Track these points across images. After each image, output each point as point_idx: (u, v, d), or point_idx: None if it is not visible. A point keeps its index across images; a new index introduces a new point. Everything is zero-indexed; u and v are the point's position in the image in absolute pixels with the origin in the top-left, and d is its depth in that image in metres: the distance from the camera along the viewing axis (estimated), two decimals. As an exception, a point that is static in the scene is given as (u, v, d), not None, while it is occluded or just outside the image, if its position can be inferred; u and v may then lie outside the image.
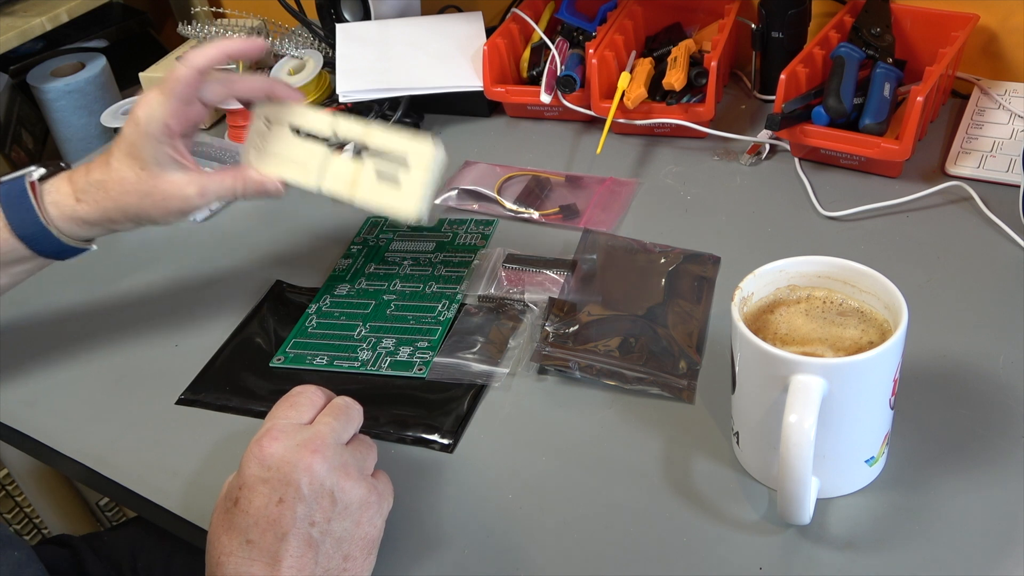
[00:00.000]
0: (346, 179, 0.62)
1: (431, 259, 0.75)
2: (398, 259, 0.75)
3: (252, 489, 0.46)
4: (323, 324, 0.69)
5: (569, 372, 0.62)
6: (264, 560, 0.45)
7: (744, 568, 0.49)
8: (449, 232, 0.78)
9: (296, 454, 0.46)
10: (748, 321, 0.50)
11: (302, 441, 0.47)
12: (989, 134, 0.79)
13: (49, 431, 0.64)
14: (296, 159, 0.63)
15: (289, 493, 0.46)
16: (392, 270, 0.74)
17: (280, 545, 0.45)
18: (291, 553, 0.45)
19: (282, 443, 0.47)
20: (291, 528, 0.45)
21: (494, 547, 0.52)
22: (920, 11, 0.83)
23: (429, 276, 0.73)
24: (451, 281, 0.72)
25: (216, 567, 0.46)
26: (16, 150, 1.19)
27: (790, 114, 0.76)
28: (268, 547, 0.45)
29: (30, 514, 1.09)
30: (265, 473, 0.46)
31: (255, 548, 0.45)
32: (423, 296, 0.71)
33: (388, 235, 0.79)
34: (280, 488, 0.46)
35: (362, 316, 0.69)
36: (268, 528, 0.45)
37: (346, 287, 0.73)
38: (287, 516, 0.45)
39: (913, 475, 0.52)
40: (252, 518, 0.46)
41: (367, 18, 0.99)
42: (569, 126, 0.92)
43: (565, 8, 0.94)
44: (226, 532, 0.46)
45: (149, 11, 1.33)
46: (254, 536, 0.45)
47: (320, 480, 0.46)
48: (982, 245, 0.69)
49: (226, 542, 0.46)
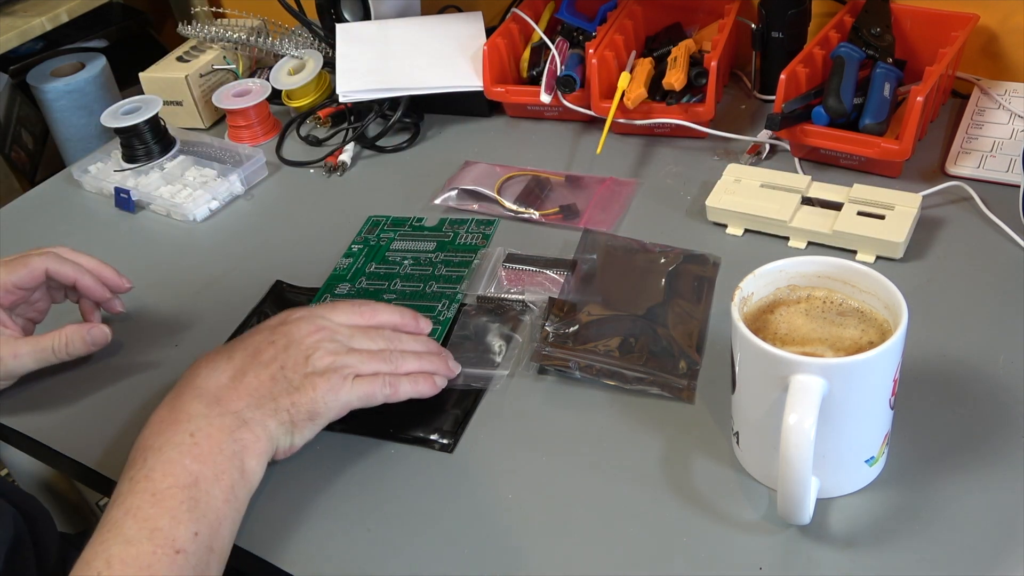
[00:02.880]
0: (821, 219, 0.71)
1: (432, 259, 0.74)
2: (399, 259, 0.75)
3: (258, 329, 0.58)
4: None
5: (569, 372, 0.62)
6: (232, 371, 0.55)
7: (744, 568, 0.49)
8: (450, 232, 0.78)
9: (305, 324, 0.57)
10: (748, 321, 0.50)
11: (309, 315, 0.58)
12: (989, 134, 0.79)
13: (49, 431, 0.64)
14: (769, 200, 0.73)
15: (280, 341, 0.56)
16: (393, 269, 0.74)
17: (251, 363, 0.55)
18: (255, 372, 0.54)
19: (298, 313, 0.58)
20: (265, 358, 0.55)
21: (494, 547, 0.52)
22: (920, 11, 0.83)
23: (430, 276, 0.72)
24: (451, 281, 0.72)
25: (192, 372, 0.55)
26: (16, 150, 1.19)
27: (790, 114, 0.76)
28: (240, 362, 0.55)
29: (30, 514, 1.09)
30: (278, 323, 0.58)
31: (231, 363, 0.55)
32: (423, 296, 0.70)
33: (390, 234, 0.78)
34: (277, 336, 0.56)
35: None
36: (251, 353, 0.55)
37: (347, 286, 0.73)
38: (268, 352, 0.55)
39: (913, 475, 0.52)
40: (244, 344, 0.56)
41: (367, 18, 0.99)
42: (569, 126, 0.92)
43: (565, 8, 0.94)
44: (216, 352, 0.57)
45: (149, 11, 1.33)
46: (236, 354, 0.56)
47: (304, 341, 0.56)
48: (982, 245, 0.69)
49: (212, 357, 0.56)
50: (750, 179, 0.75)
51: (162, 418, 0.53)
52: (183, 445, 0.51)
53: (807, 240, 0.71)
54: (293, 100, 1.00)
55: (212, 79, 1.03)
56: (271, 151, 0.95)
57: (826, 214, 0.71)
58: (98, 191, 0.92)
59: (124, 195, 0.88)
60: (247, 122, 0.96)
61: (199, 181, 0.89)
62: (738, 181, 0.75)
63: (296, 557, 0.53)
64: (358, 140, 0.93)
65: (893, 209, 0.69)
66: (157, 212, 0.88)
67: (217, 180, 0.89)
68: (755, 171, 0.76)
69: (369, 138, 0.92)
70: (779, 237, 0.72)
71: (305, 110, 0.98)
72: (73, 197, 0.93)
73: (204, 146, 0.94)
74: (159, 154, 0.91)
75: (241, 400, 0.53)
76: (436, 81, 0.92)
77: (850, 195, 0.71)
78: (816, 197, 0.72)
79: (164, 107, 0.97)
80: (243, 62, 1.05)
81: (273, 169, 0.92)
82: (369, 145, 0.93)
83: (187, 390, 0.54)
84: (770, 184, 0.74)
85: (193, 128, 1.03)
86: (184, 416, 0.52)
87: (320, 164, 0.91)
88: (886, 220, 0.69)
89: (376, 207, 0.83)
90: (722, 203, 0.73)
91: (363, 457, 0.59)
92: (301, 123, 0.98)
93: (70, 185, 0.94)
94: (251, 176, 0.90)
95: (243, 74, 1.05)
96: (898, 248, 0.67)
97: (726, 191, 0.74)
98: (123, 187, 0.88)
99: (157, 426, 0.52)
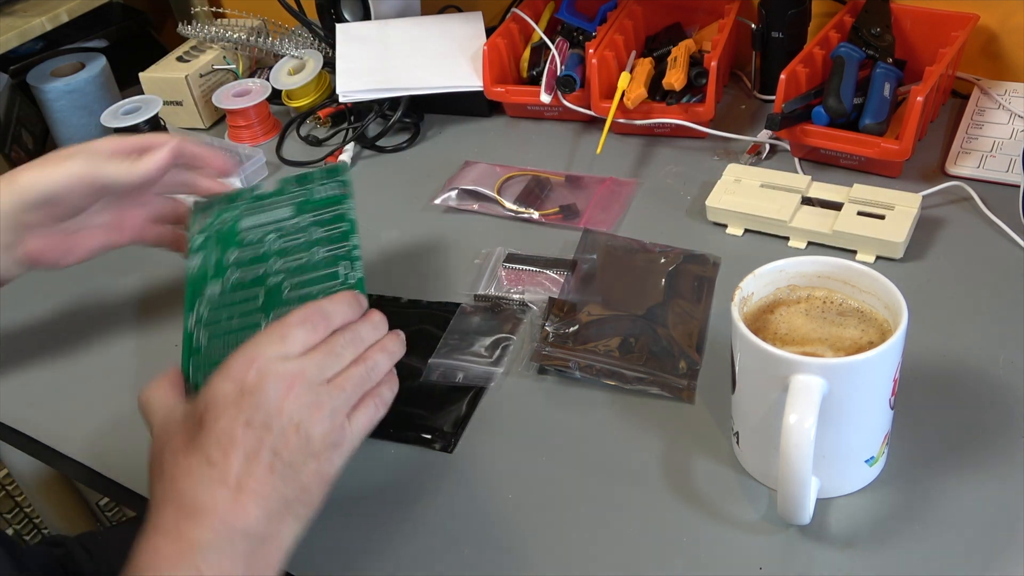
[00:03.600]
0: (821, 219, 0.70)
1: (298, 224, 0.63)
2: (258, 236, 0.63)
3: (219, 409, 0.46)
4: (217, 334, 0.58)
5: (569, 372, 0.62)
6: (227, 482, 0.44)
7: (744, 568, 0.49)
8: (299, 190, 0.66)
9: (273, 385, 0.46)
10: (748, 321, 0.50)
11: (283, 373, 0.47)
12: (989, 134, 0.79)
13: (49, 431, 0.64)
14: (769, 200, 0.72)
15: (257, 419, 0.45)
16: (259, 250, 0.62)
17: (243, 467, 0.44)
18: (255, 477, 0.44)
19: (259, 373, 0.46)
20: (255, 453, 0.45)
21: (494, 547, 0.52)
22: (920, 11, 0.83)
23: (309, 242, 0.61)
24: (337, 239, 0.61)
25: (170, 485, 0.45)
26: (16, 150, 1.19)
27: (790, 114, 0.76)
28: (231, 469, 0.44)
29: (30, 514, 1.09)
30: (237, 395, 0.46)
31: (216, 469, 0.44)
32: (316, 265, 0.60)
33: (229, 215, 0.65)
34: (248, 412, 0.45)
35: (256, 308, 0.58)
36: (231, 449, 0.45)
37: (217, 285, 0.60)
38: (251, 440, 0.45)
39: (913, 475, 0.52)
40: (215, 437, 0.45)
41: (367, 18, 0.99)
42: (569, 126, 0.92)
43: (565, 8, 0.94)
44: (183, 451, 0.45)
45: (149, 11, 1.33)
46: (216, 456, 0.45)
47: (286, 415, 0.46)
48: (982, 245, 0.69)
49: (183, 460, 0.45)
50: (750, 179, 0.75)
51: (159, 548, 0.44)
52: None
53: (807, 240, 0.71)
54: (293, 100, 1.00)
55: (212, 79, 1.03)
56: (271, 151, 0.95)
57: (826, 214, 0.71)
58: (98, 191, 0.92)
59: (124, 195, 0.88)
60: (247, 122, 0.96)
61: (199, 181, 0.89)
62: (738, 181, 0.75)
63: (295, 557, 0.53)
64: (358, 140, 0.93)
65: (893, 209, 0.69)
66: (157, 212, 0.88)
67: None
68: (755, 171, 0.76)
69: (369, 138, 0.92)
70: (779, 237, 0.72)
71: (305, 110, 0.98)
72: (73, 197, 0.93)
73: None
74: (159, 154, 0.91)
75: (250, 515, 0.44)
76: (436, 81, 0.92)
77: (850, 195, 0.71)
78: (816, 197, 0.72)
79: (164, 107, 0.97)
80: (243, 62, 1.05)
81: (273, 169, 0.92)
82: (369, 145, 0.93)
83: (177, 510, 0.45)
84: (770, 184, 0.74)
85: (193, 128, 1.03)
86: (189, 548, 0.43)
87: (320, 164, 0.91)
88: (886, 220, 0.69)
89: (376, 207, 0.83)
90: (722, 203, 0.73)
91: (363, 457, 0.58)
92: (301, 123, 0.98)
93: (70, 185, 0.94)
94: (251, 176, 0.90)
95: (243, 74, 1.05)
96: (898, 248, 0.67)
97: (726, 191, 0.74)
98: (123, 187, 0.88)
99: (155, 557, 0.44)
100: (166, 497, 0.45)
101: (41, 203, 0.59)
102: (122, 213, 0.65)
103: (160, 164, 0.62)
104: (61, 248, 0.63)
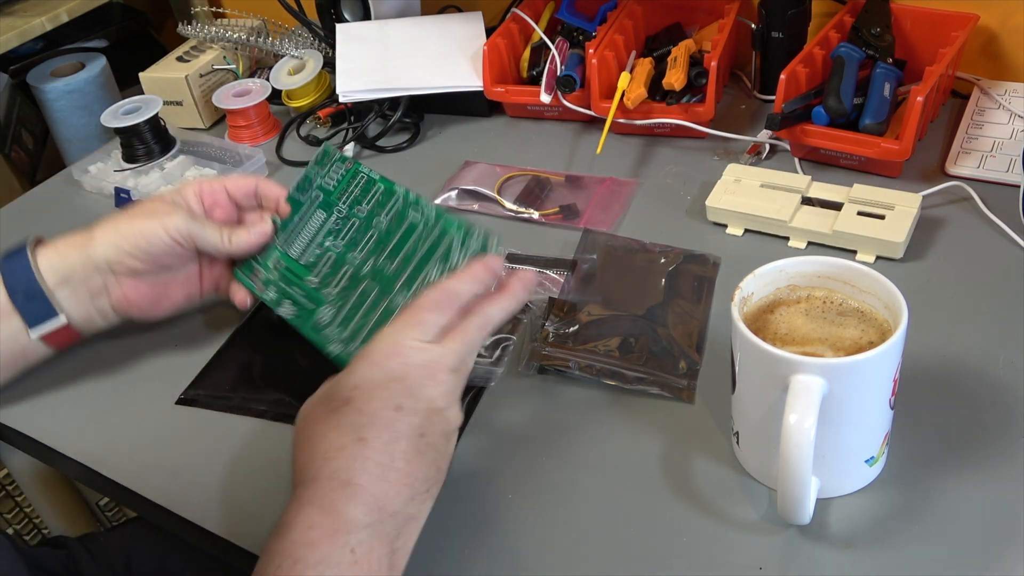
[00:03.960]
0: (821, 219, 0.70)
1: (341, 214, 0.64)
2: (317, 252, 0.64)
3: (369, 390, 0.48)
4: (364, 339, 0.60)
5: (569, 372, 0.62)
6: (379, 459, 0.46)
7: (744, 568, 0.49)
8: (312, 191, 0.66)
9: (419, 372, 0.49)
10: (748, 321, 0.50)
11: (426, 362, 0.49)
12: (989, 134, 0.79)
13: (49, 431, 0.64)
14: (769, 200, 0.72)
15: (407, 403, 0.48)
16: (330, 257, 0.64)
17: (394, 447, 0.47)
18: (403, 456, 0.47)
19: (406, 360, 0.49)
20: (404, 434, 0.47)
21: (494, 547, 0.52)
22: (920, 11, 0.83)
23: (364, 220, 0.63)
24: (385, 201, 0.63)
25: (323, 462, 0.47)
26: (16, 150, 1.19)
27: (790, 114, 0.76)
28: (383, 447, 0.47)
29: (30, 514, 1.09)
30: (387, 381, 0.48)
31: (369, 446, 0.46)
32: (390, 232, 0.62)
33: (273, 255, 0.66)
34: (399, 397, 0.48)
35: (378, 296, 0.61)
36: (383, 429, 0.47)
37: (327, 309, 0.62)
38: (402, 423, 0.47)
39: (913, 475, 0.52)
40: (367, 417, 0.47)
41: (367, 18, 0.99)
42: (569, 126, 0.92)
43: (565, 8, 0.94)
44: (335, 429, 0.47)
45: (149, 11, 1.33)
46: (368, 435, 0.47)
47: (436, 401, 0.49)
48: (982, 245, 0.69)
49: (335, 438, 0.47)
50: (750, 179, 0.75)
51: (314, 522, 0.45)
52: (342, 564, 0.44)
53: (807, 240, 0.71)
54: (293, 100, 1.00)
55: (212, 79, 1.03)
56: (271, 151, 0.95)
57: (826, 214, 0.71)
58: (98, 191, 0.92)
59: (124, 195, 0.88)
60: (247, 122, 0.96)
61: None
62: (738, 181, 0.75)
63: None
64: (358, 140, 0.93)
65: (893, 209, 0.69)
66: (157, 212, 0.88)
67: (217, 180, 0.89)
68: (755, 171, 0.76)
69: (369, 138, 0.92)
70: (779, 237, 0.72)
71: (305, 110, 0.98)
72: (73, 197, 0.93)
73: (204, 146, 0.94)
74: (159, 154, 0.91)
75: (399, 497, 0.46)
76: (436, 81, 0.92)
77: (850, 195, 0.71)
78: (816, 197, 0.72)
79: (164, 107, 0.97)
80: (243, 62, 1.05)
81: (273, 169, 0.92)
82: (369, 145, 0.93)
83: (332, 486, 0.46)
84: (770, 184, 0.74)
85: (193, 128, 1.03)
86: (343, 525, 0.45)
87: (320, 164, 0.91)
88: (886, 220, 0.69)
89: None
90: (722, 203, 0.73)
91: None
92: (301, 123, 0.98)
93: (70, 185, 0.94)
94: (251, 176, 0.90)
95: (243, 74, 1.05)
96: (898, 248, 0.67)
97: (726, 191, 0.74)
98: (123, 187, 0.88)
99: (309, 533, 0.44)
100: (320, 472, 0.47)
101: (138, 254, 0.63)
102: (205, 267, 0.68)
103: (258, 243, 0.66)
104: (150, 297, 0.65)
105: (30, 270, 0.62)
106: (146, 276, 0.64)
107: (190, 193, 0.66)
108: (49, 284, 0.62)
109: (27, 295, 0.62)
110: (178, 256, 0.64)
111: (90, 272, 0.63)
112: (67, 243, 0.63)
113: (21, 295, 0.62)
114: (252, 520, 0.56)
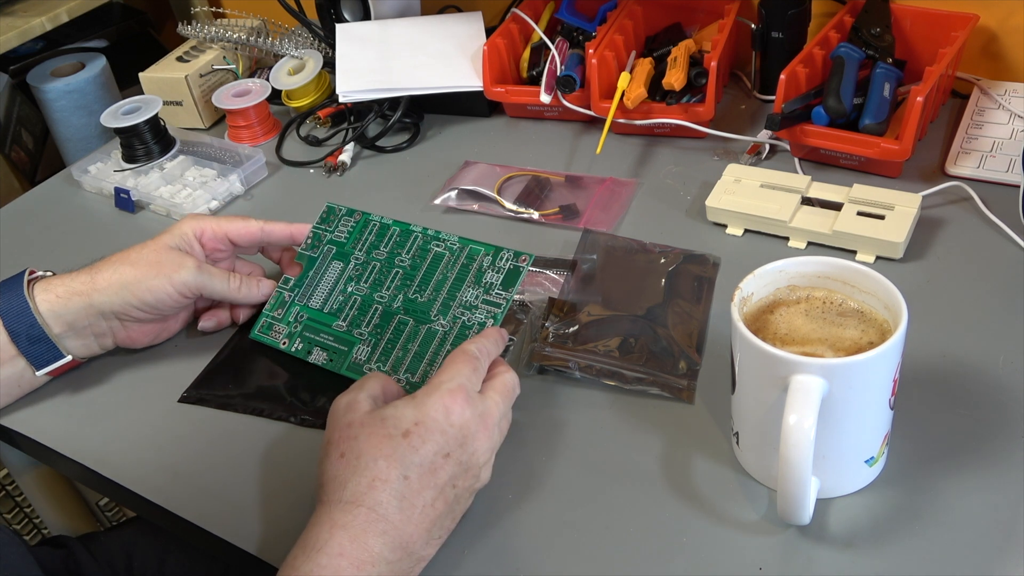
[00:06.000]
0: (821, 219, 0.70)
1: (358, 261, 0.67)
2: (341, 299, 0.66)
3: (429, 431, 0.50)
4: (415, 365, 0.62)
5: (569, 372, 0.62)
6: (415, 500, 0.48)
7: (744, 568, 0.49)
8: (323, 247, 0.68)
9: (474, 424, 0.51)
10: (748, 321, 0.50)
11: (481, 413, 0.52)
12: (989, 134, 0.79)
13: (49, 431, 0.64)
14: (768, 200, 0.73)
15: (456, 453, 0.50)
16: (355, 299, 0.66)
17: (430, 493, 0.49)
18: (433, 502, 0.49)
19: (467, 408, 0.51)
20: (442, 483, 0.49)
21: (494, 547, 0.52)
22: (920, 11, 0.83)
23: (383, 260, 0.66)
24: (384, 232, 0.67)
25: (368, 489, 0.48)
26: (16, 150, 1.19)
27: (790, 114, 0.76)
28: (421, 490, 0.49)
29: (30, 514, 1.09)
30: (446, 426, 0.50)
31: (410, 487, 0.49)
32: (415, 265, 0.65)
33: (295, 310, 0.68)
34: (451, 445, 0.50)
35: (416, 323, 0.63)
36: (428, 474, 0.49)
37: (363, 349, 0.64)
38: (444, 471, 0.50)
39: (913, 475, 0.52)
40: (419, 457, 0.49)
41: (367, 18, 0.99)
42: (569, 126, 0.92)
43: (565, 8, 0.94)
44: (388, 458, 0.49)
45: (149, 11, 1.33)
46: (413, 475, 0.49)
47: (479, 455, 0.51)
48: (982, 245, 0.69)
49: (384, 467, 0.49)
50: (750, 179, 0.75)
51: (344, 551, 0.46)
52: None
53: (807, 240, 0.71)
54: (293, 100, 1.00)
55: (212, 79, 1.03)
56: (271, 151, 0.95)
57: (826, 214, 0.71)
58: (98, 191, 0.92)
59: (124, 195, 0.88)
60: (247, 122, 0.96)
61: (199, 181, 0.89)
62: (738, 181, 0.75)
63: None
64: (358, 140, 0.93)
65: (893, 209, 0.69)
66: (157, 212, 0.88)
67: (217, 180, 0.89)
68: (755, 171, 0.76)
69: (369, 138, 0.92)
70: (779, 237, 0.72)
71: (305, 110, 0.98)
72: (73, 197, 0.93)
73: (204, 146, 0.94)
74: (159, 154, 0.91)
75: (420, 539, 0.49)
76: (436, 81, 0.92)
77: (850, 195, 0.71)
78: (816, 197, 0.72)
79: (164, 107, 0.97)
80: (243, 62, 1.05)
81: (273, 169, 0.92)
82: (369, 145, 0.93)
83: (372, 521, 0.47)
84: (770, 184, 0.74)
85: (193, 128, 1.03)
86: (369, 558, 0.46)
87: (320, 164, 0.91)
88: (886, 220, 0.69)
89: (376, 207, 0.82)
90: (722, 203, 0.73)
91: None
92: (301, 123, 0.98)
93: (70, 185, 0.94)
94: (251, 176, 0.90)
95: (243, 74, 1.05)
96: (898, 248, 0.67)
97: (726, 191, 0.74)
98: (123, 187, 0.88)
99: (338, 559, 0.46)
100: (363, 499, 0.48)
101: (145, 308, 0.65)
102: (203, 300, 0.70)
103: (265, 295, 0.69)
104: (152, 334, 0.68)
105: (31, 314, 0.62)
106: (150, 321, 0.67)
107: (191, 235, 0.67)
108: (54, 330, 0.63)
109: (31, 339, 0.63)
110: (186, 305, 0.68)
111: (94, 318, 0.64)
112: (68, 288, 0.63)
113: (24, 339, 0.63)
114: (252, 520, 0.56)
